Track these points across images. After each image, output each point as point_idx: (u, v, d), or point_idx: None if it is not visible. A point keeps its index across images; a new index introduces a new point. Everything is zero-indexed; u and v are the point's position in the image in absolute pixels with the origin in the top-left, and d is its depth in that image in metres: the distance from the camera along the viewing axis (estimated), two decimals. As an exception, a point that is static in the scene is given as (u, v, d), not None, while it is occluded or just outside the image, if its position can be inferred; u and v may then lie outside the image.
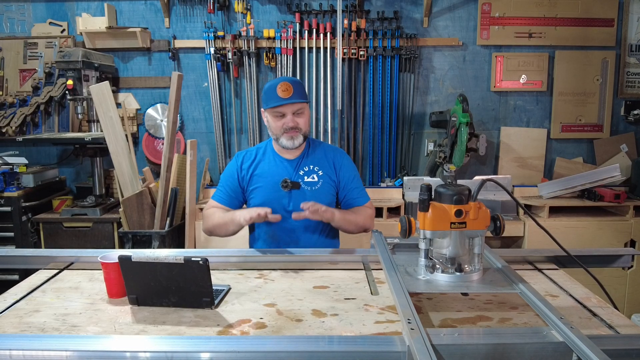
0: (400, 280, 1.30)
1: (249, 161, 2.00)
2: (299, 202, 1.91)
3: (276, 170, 1.96)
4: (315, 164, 1.98)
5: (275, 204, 1.93)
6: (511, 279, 1.33)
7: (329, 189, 1.98)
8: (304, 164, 1.97)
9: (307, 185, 1.95)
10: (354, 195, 2.01)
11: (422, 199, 1.29)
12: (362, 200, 2.02)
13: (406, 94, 3.60)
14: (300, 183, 1.93)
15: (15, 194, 3.17)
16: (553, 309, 1.14)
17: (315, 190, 1.95)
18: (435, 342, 1.02)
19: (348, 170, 2.01)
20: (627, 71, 3.58)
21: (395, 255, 1.55)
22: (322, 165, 1.98)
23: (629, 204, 3.06)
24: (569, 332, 1.03)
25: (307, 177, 1.96)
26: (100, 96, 3.00)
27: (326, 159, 2.00)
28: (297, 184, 1.92)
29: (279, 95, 1.84)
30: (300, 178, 1.95)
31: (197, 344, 1.09)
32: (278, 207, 1.93)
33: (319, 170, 1.97)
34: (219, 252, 1.78)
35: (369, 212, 2.02)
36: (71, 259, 1.73)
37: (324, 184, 1.96)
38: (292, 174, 1.95)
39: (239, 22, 3.50)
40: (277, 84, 1.85)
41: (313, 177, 1.96)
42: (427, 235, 1.31)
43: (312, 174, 1.96)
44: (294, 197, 1.93)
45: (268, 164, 1.98)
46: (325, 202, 1.96)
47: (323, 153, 2.01)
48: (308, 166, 1.97)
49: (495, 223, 1.34)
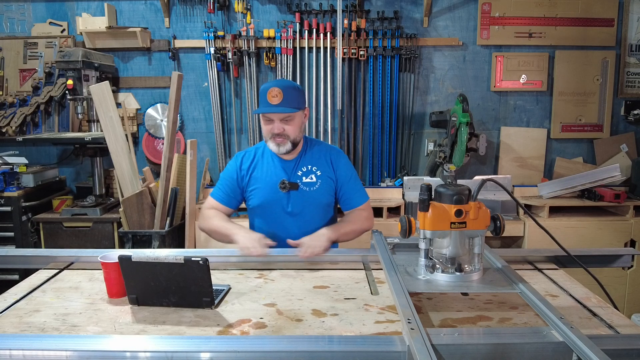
0: (400, 280, 1.30)
1: (248, 162, 1.98)
2: (298, 203, 1.91)
3: (274, 171, 1.94)
4: (313, 164, 1.96)
5: (274, 205, 1.92)
6: (511, 279, 1.33)
7: (327, 189, 1.96)
8: (301, 165, 1.95)
9: (305, 185, 1.93)
10: (351, 195, 1.99)
11: (422, 199, 1.29)
12: (359, 200, 1.99)
13: (406, 94, 3.59)
14: (298, 184, 1.91)
15: (15, 194, 3.16)
16: (553, 309, 1.14)
17: (313, 191, 1.93)
18: (435, 342, 1.02)
19: (345, 169, 1.99)
20: (627, 71, 3.58)
21: (395, 255, 1.55)
22: (319, 165, 1.96)
23: (629, 204, 3.06)
24: (569, 332, 1.03)
25: (305, 177, 1.94)
26: (100, 96, 3.00)
27: (324, 158, 1.98)
28: (296, 185, 1.91)
29: (267, 101, 1.80)
30: (298, 179, 1.93)
31: (197, 343, 1.09)
32: (277, 209, 1.93)
33: (317, 170, 1.95)
34: (219, 252, 1.78)
35: (364, 214, 1.98)
36: (71, 258, 1.73)
37: (322, 184, 1.94)
38: (290, 174, 1.94)
39: (239, 22, 3.50)
40: (269, 89, 1.80)
41: (311, 178, 1.94)
42: (427, 235, 1.31)
43: (310, 174, 1.94)
44: (293, 198, 1.92)
45: (266, 165, 1.96)
46: (324, 202, 1.96)
47: (320, 152, 1.99)
48: (306, 166, 1.95)
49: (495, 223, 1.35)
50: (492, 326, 1.25)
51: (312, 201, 1.93)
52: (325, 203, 1.96)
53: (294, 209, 1.91)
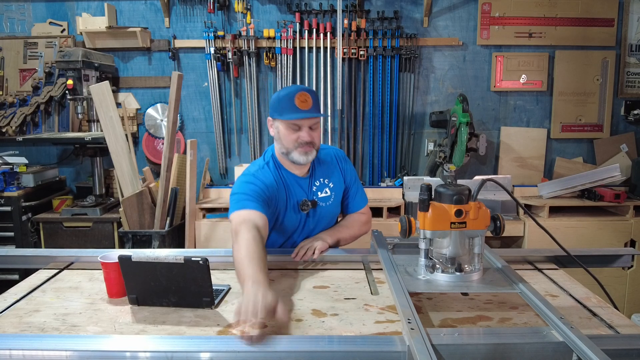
0: (400, 280, 1.30)
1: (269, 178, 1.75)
2: (316, 222, 1.84)
3: (293, 190, 1.78)
4: (325, 176, 1.86)
5: (293, 225, 1.82)
6: (511, 279, 1.33)
7: (338, 200, 1.90)
8: (315, 179, 1.84)
9: (322, 201, 1.83)
10: (352, 199, 1.94)
11: (422, 199, 1.29)
12: (360, 204, 1.95)
13: (406, 93, 3.59)
14: (317, 201, 1.82)
15: (15, 194, 3.17)
16: (553, 309, 1.14)
17: (329, 205, 1.86)
18: (435, 342, 1.02)
19: (351, 174, 1.94)
20: (627, 71, 3.58)
21: (395, 255, 1.55)
22: (330, 176, 1.87)
23: (629, 204, 3.06)
24: (569, 332, 1.03)
25: (320, 192, 1.84)
26: (100, 96, 3.00)
27: (333, 167, 1.89)
28: (315, 203, 1.81)
29: (297, 106, 1.64)
30: (314, 195, 1.82)
31: (197, 343, 1.09)
32: (294, 229, 1.83)
33: (329, 182, 1.86)
34: (219, 252, 1.77)
35: (363, 218, 1.94)
36: (71, 258, 1.73)
37: (336, 197, 1.88)
38: (307, 192, 1.82)
39: (239, 21, 3.50)
40: (296, 93, 1.65)
41: (326, 192, 1.85)
42: (427, 235, 1.31)
43: (325, 188, 1.85)
44: (311, 217, 1.84)
45: (284, 184, 1.78)
46: (336, 213, 1.92)
47: (328, 161, 1.89)
48: (319, 180, 1.84)
49: (495, 223, 1.34)
50: (492, 326, 1.24)
51: (327, 214, 1.87)
52: (336, 214, 1.92)
53: (309, 224, 1.85)
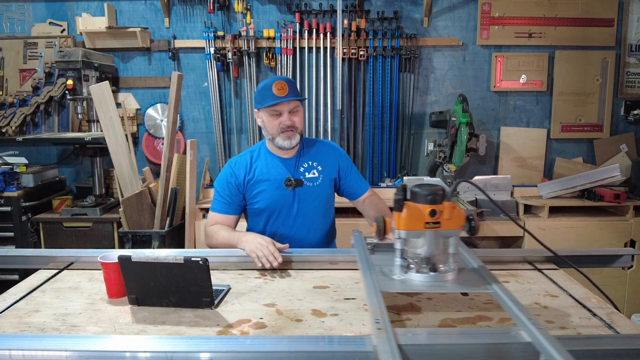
0: (373, 279, 1.29)
1: (243, 169, 1.95)
2: (304, 201, 1.93)
3: (276, 170, 1.94)
4: (314, 160, 1.98)
5: (281, 204, 1.92)
6: (485, 279, 1.31)
7: (328, 183, 2.00)
8: (302, 161, 1.97)
9: (308, 181, 1.95)
10: (356, 184, 2.06)
11: (397, 199, 1.28)
12: (364, 187, 2.08)
13: (406, 94, 3.59)
14: (302, 180, 1.93)
15: (15, 194, 3.16)
16: (523, 309, 1.12)
17: (316, 186, 1.96)
18: (402, 342, 1.01)
19: (345, 160, 2.06)
20: (627, 71, 3.58)
21: (374, 255, 1.54)
22: (320, 160, 1.99)
23: (629, 204, 3.06)
24: (537, 333, 1.01)
25: (307, 173, 1.96)
26: (100, 96, 3.00)
27: (323, 153, 2.01)
28: (300, 182, 1.93)
29: (274, 94, 1.82)
30: (301, 175, 1.95)
31: (197, 344, 1.09)
32: (283, 210, 1.93)
33: (317, 165, 1.97)
34: (219, 252, 1.77)
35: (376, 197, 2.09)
36: (71, 259, 1.73)
37: (324, 179, 1.98)
38: (293, 172, 1.95)
39: (239, 22, 3.50)
40: (272, 83, 1.83)
41: (314, 173, 1.96)
42: (402, 235, 1.30)
43: (313, 170, 1.96)
44: (298, 196, 1.93)
45: (266, 166, 1.94)
46: (325, 196, 1.99)
47: (318, 149, 2.02)
48: (307, 162, 1.97)
49: (470, 223, 1.33)
50: (492, 326, 1.25)
51: (316, 196, 1.96)
52: (326, 197, 2.00)
53: (300, 206, 1.93)
